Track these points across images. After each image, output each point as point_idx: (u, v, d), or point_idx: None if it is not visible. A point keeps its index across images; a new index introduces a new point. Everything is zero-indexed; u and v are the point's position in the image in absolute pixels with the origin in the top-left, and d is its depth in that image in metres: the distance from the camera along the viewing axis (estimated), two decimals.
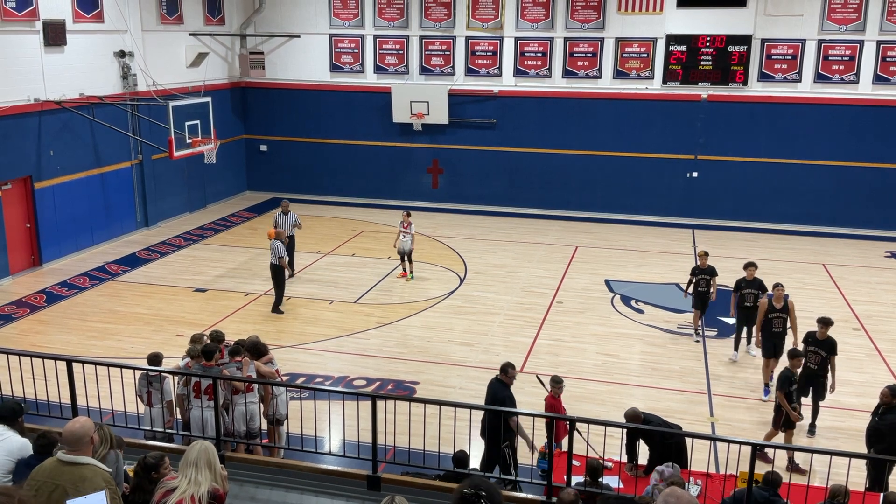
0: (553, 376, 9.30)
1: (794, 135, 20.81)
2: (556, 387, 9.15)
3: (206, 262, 18.00)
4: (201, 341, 9.80)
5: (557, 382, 9.19)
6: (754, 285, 12.72)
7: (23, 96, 16.34)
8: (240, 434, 8.97)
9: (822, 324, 10.55)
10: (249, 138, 24.56)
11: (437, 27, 22.33)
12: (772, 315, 11.70)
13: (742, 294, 12.74)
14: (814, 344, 10.53)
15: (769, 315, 11.71)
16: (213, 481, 5.07)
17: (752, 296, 12.63)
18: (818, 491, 7.98)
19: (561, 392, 9.16)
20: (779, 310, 11.69)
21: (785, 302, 11.75)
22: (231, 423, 8.94)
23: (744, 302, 12.73)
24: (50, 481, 4.90)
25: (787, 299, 11.84)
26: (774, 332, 11.72)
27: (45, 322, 14.43)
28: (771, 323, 11.72)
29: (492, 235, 20.49)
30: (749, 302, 12.65)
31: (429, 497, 7.39)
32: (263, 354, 9.56)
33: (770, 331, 11.74)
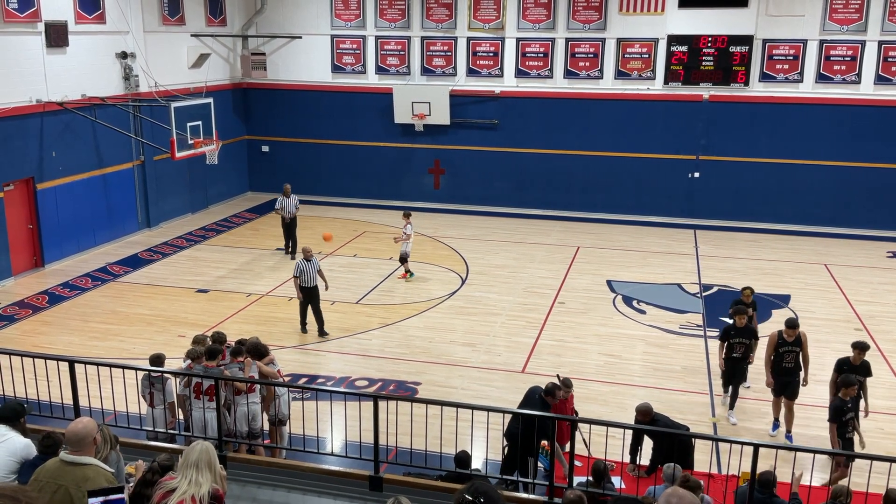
0: (564, 379, 9.25)
1: (795, 135, 20.79)
2: (563, 390, 9.09)
3: (208, 263, 18.01)
4: (204, 342, 9.80)
5: (567, 386, 9.13)
6: (746, 333, 11.03)
7: (25, 97, 16.36)
8: (241, 434, 8.98)
9: (859, 349, 9.87)
10: (251, 139, 24.58)
11: (439, 28, 22.34)
12: (783, 349, 10.48)
13: (730, 343, 11.02)
14: (850, 371, 10.00)
15: (780, 349, 10.50)
16: (213, 482, 5.07)
17: (742, 346, 10.98)
18: (820, 491, 7.98)
19: (565, 396, 9.11)
20: (790, 343, 10.47)
21: (798, 335, 10.55)
22: (233, 423, 8.95)
23: (731, 352, 11.05)
24: (53, 481, 4.91)
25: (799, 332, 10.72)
26: (786, 367, 10.49)
27: (47, 323, 14.45)
28: (782, 358, 10.50)
29: (493, 236, 20.49)
30: (738, 352, 10.99)
31: (431, 497, 7.40)
32: (265, 355, 9.56)
33: (780, 367, 10.52)
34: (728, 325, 11.12)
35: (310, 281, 16.50)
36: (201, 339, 9.99)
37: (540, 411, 8.59)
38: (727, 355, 11.02)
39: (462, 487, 3.80)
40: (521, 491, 8.32)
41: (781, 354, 10.50)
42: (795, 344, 10.44)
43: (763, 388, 10.99)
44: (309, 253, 16.15)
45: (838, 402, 9.21)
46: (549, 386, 8.85)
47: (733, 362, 11.03)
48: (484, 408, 8.17)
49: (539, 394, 8.84)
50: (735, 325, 10.96)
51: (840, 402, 9.22)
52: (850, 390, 9.22)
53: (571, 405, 9.39)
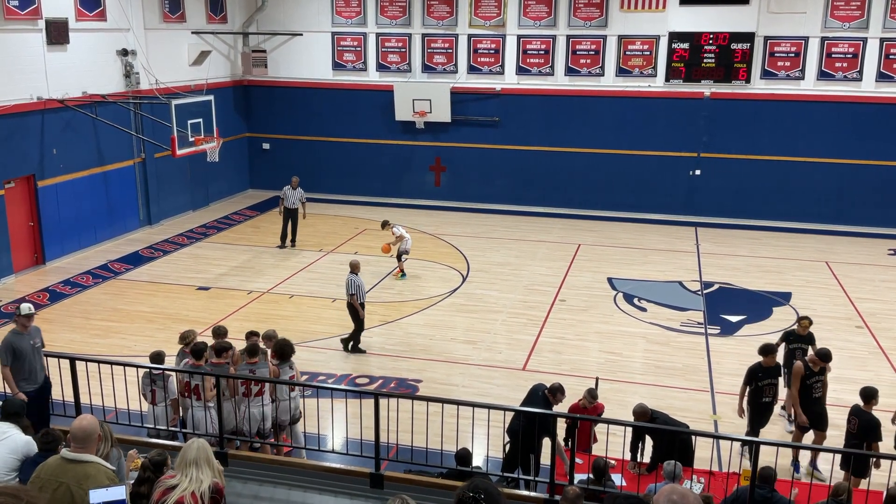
0: (590, 389, 9.19)
1: (797, 132, 20.77)
2: (586, 398, 9.04)
3: (209, 261, 18.02)
4: (190, 338, 9.78)
5: (593, 398, 9.06)
6: (776, 373, 9.83)
7: (25, 95, 16.36)
8: (247, 434, 8.97)
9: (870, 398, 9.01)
10: (252, 136, 24.57)
11: (440, 25, 22.31)
12: (810, 381, 9.65)
13: (759, 386, 9.69)
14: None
15: (807, 381, 9.64)
16: (212, 477, 5.12)
17: (772, 388, 9.73)
18: (821, 489, 7.98)
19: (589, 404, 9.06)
20: (817, 373, 9.71)
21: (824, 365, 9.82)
22: (243, 422, 8.93)
23: (761, 396, 9.69)
24: (54, 479, 4.91)
25: None
26: (815, 397, 9.68)
27: (48, 320, 14.43)
28: (810, 389, 9.65)
29: (494, 233, 20.48)
30: (768, 395, 9.71)
31: (432, 495, 7.40)
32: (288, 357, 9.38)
33: (810, 397, 9.65)
34: (755, 366, 9.73)
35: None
36: (189, 334, 9.93)
37: (542, 408, 8.59)
38: (755, 399, 9.67)
39: (463, 485, 3.80)
40: (523, 488, 8.33)
41: (809, 386, 9.64)
42: (821, 373, 9.72)
43: None
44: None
45: (755, 366, 9.54)
46: (555, 385, 8.85)
47: (763, 408, 9.69)
48: (485, 405, 8.18)
49: (542, 391, 8.85)
50: (762, 366, 9.67)
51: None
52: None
53: (600, 412, 9.30)
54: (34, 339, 9.02)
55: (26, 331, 8.92)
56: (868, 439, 8.61)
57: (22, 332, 8.90)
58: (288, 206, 18.55)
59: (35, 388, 8.92)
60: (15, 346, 8.80)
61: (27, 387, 8.87)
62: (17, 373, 8.84)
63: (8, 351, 8.79)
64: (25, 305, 9.00)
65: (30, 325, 8.98)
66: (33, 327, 9.09)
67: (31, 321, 8.99)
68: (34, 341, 9.01)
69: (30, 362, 8.89)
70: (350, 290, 12.70)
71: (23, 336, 8.90)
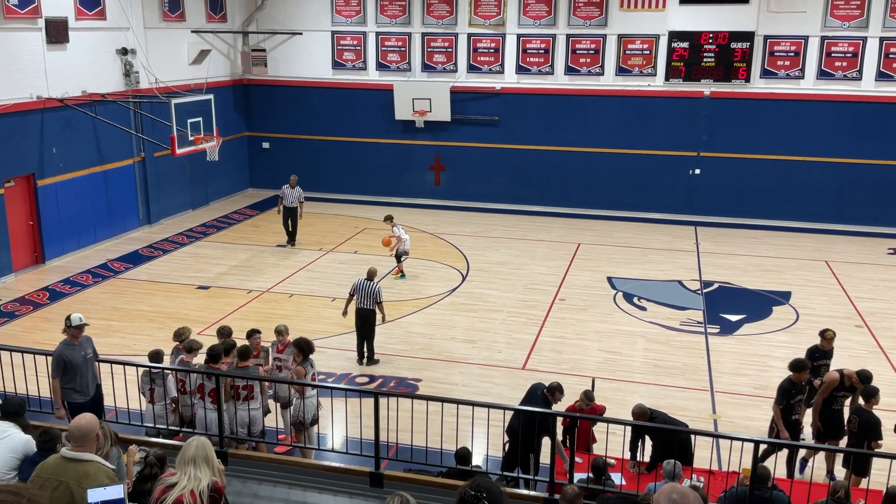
0: (587, 391, 9.17)
1: (796, 132, 20.77)
2: (582, 400, 9.02)
3: (209, 260, 18.01)
4: (185, 335, 9.81)
5: (589, 399, 9.02)
6: (803, 389, 9.51)
7: (25, 94, 16.35)
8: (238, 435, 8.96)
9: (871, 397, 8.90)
10: (251, 135, 24.56)
11: (440, 24, 22.31)
12: (838, 393, 9.48)
13: (790, 404, 9.32)
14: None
15: (835, 393, 9.45)
16: (211, 475, 5.11)
17: (800, 404, 9.51)
18: (821, 488, 7.98)
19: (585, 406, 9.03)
20: (847, 388, 9.50)
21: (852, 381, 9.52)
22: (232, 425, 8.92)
23: (791, 414, 9.30)
24: (54, 478, 4.91)
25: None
26: (834, 409, 9.51)
27: (48, 319, 14.44)
28: (833, 401, 9.48)
29: (494, 232, 20.48)
30: (797, 412, 9.38)
31: (431, 494, 7.40)
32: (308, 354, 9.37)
33: (830, 408, 9.49)
34: (786, 384, 9.31)
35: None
36: (183, 331, 9.96)
37: (541, 407, 8.59)
38: (785, 417, 9.24)
39: (465, 484, 3.80)
40: (522, 487, 8.33)
41: (835, 398, 9.47)
42: (851, 389, 9.48)
43: None
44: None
45: (786, 384, 9.20)
46: (553, 384, 8.84)
47: (794, 425, 9.33)
48: (484, 404, 8.18)
49: (541, 390, 8.84)
50: (793, 381, 9.29)
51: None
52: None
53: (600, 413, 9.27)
54: (85, 350, 8.63)
55: (77, 341, 8.55)
56: (869, 438, 8.61)
57: (73, 343, 8.53)
58: (287, 205, 18.56)
59: (87, 400, 8.57)
60: (66, 358, 8.42)
61: (79, 398, 8.53)
62: (68, 385, 8.50)
63: (59, 363, 8.42)
64: (76, 315, 8.59)
65: (80, 335, 8.58)
66: (84, 337, 8.67)
67: (81, 332, 8.59)
68: (85, 352, 8.62)
69: (81, 374, 8.52)
70: (380, 297, 12.38)
71: (74, 347, 8.54)
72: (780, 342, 13.69)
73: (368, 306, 12.31)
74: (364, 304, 12.33)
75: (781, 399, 9.25)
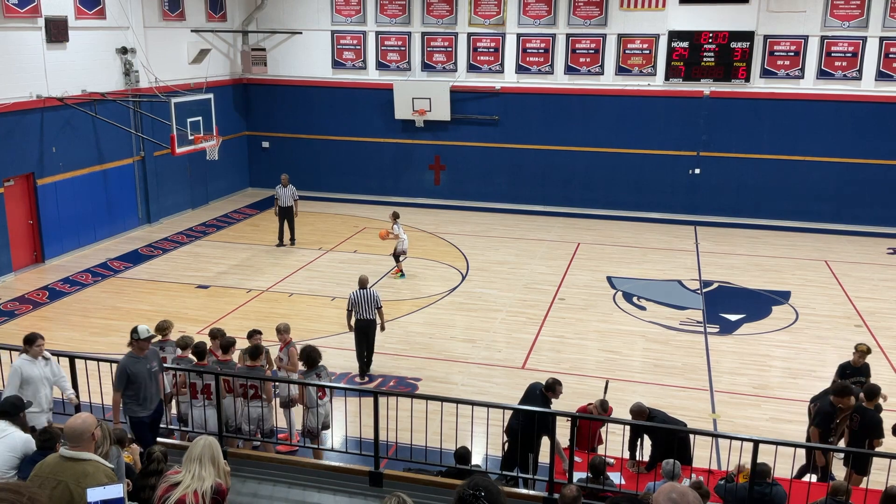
0: (603, 401, 9.10)
1: (796, 131, 20.77)
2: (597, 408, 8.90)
3: (209, 259, 18.01)
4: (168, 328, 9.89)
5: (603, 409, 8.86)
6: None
7: (25, 93, 16.34)
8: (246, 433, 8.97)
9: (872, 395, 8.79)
10: (251, 135, 24.56)
11: (439, 23, 22.30)
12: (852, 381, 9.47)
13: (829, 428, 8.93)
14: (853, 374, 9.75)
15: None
16: (216, 477, 5.09)
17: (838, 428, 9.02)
18: (820, 487, 7.99)
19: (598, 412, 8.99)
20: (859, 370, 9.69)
21: None
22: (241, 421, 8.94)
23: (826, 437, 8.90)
24: (52, 477, 4.91)
25: None
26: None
27: (47, 318, 14.45)
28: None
29: (494, 232, 20.48)
30: (834, 436, 8.97)
31: (431, 493, 7.41)
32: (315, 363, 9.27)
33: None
34: (829, 409, 8.82)
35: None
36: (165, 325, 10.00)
37: (541, 406, 8.59)
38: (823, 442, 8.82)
39: (463, 483, 3.80)
40: (522, 487, 8.33)
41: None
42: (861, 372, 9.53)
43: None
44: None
45: (829, 409, 8.72)
46: (550, 381, 8.84)
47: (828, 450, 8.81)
48: (484, 404, 8.18)
49: (540, 389, 8.85)
50: (834, 406, 8.83)
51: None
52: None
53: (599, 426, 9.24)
54: (151, 363, 8.22)
55: (143, 354, 8.14)
56: (870, 437, 8.61)
57: (138, 356, 8.12)
58: (282, 205, 18.53)
59: (148, 415, 8.25)
60: (130, 372, 8.03)
61: (141, 413, 8.18)
62: (130, 398, 8.12)
63: (122, 376, 8.03)
64: (143, 327, 8.16)
65: (147, 347, 8.19)
66: (151, 349, 8.29)
67: (149, 344, 8.21)
68: (151, 365, 8.20)
69: (144, 388, 8.10)
70: (380, 302, 11.97)
71: (139, 360, 8.11)
72: (780, 342, 13.70)
73: (370, 316, 11.86)
74: (365, 315, 11.84)
75: (822, 423, 8.76)
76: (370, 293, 11.86)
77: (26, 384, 8.04)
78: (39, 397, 8.09)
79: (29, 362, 8.15)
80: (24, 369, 8.09)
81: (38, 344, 8.23)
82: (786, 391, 11.83)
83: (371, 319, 11.88)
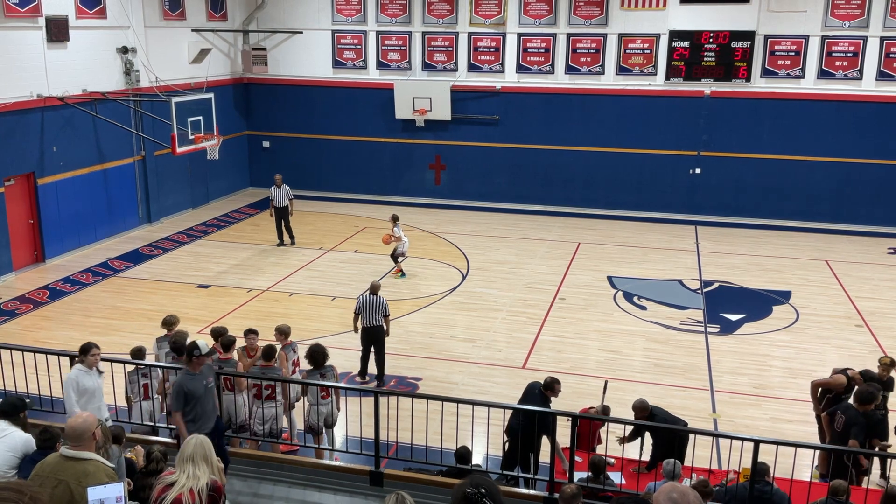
0: (605, 407, 9.07)
1: (797, 131, 20.76)
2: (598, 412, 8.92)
3: (209, 258, 18.01)
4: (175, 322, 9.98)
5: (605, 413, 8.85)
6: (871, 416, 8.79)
7: (25, 92, 16.35)
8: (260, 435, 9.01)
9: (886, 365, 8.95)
10: (252, 134, 24.56)
11: (440, 23, 22.30)
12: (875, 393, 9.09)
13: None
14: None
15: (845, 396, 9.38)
16: (210, 474, 5.12)
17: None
18: (821, 487, 7.98)
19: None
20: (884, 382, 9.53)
21: None
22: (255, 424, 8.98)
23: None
24: (53, 476, 4.91)
25: None
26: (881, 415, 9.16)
27: (48, 318, 14.45)
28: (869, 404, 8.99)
29: (494, 232, 20.48)
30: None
31: (431, 493, 7.40)
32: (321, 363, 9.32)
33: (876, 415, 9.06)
34: (860, 418, 8.66)
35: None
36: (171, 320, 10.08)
37: (540, 405, 8.59)
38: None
39: (461, 482, 3.80)
40: (522, 486, 8.33)
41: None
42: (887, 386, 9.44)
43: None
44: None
45: (861, 419, 8.51)
46: (548, 380, 8.84)
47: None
48: (484, 403, 8.18)
49: (539, 389, 8.85)
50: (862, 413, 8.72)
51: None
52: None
53: (598, 427, 9.25)
54: (207, 379, 7.77)
55: (199, 370, 7.68)
56: (870, 436, 8.61)
57: (194, 373, 7.65)
58: (277, 206, 18.48)
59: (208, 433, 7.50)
60: (187, 390, 7.57)
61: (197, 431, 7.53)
62: (187, 416, 7.66)
63: (180, 396, 7.58)
64: (203, 342, 7.65)
65: (205, 363, 7.75)
66: (206, 365, 7.82)
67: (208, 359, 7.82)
68: (207, 381, 7.76)
69: (201, 405, 7.63)
70: (388, 310, 11.74)
71: (195, 377, 7.63)
72: (781, 342, 13.70)
73: (377, 323, 11.64)
74: (372, 322, 11.62)
75: (859, 434, 8.51)
76: (379, 300, 11.62)
77: (83, 395, 7.88)
78: (96, 408, 7.92)
79: (84, 373, 7.97)
80: (80, 380, 7.91)
81: (94, 353, 8.01)
82: (786, 391, 11.82)
83: (378, 326, 11.64)
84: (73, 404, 7.81)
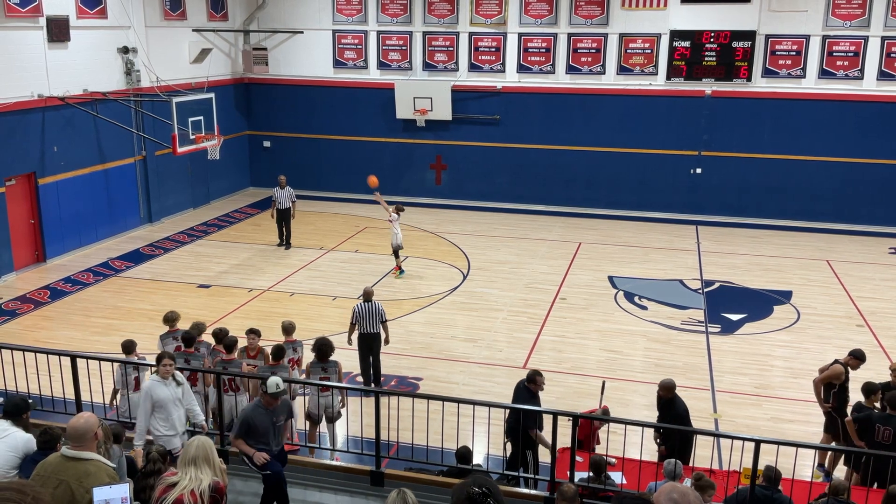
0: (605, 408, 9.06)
1: (798, 131, 20.75)
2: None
3: (210, 258, 18.02)
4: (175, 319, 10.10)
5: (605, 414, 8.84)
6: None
7: (26, 92, 16.35)
8: None
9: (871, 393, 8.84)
10: (252, 134, 24.56)
11: (441, 23, 22.30)
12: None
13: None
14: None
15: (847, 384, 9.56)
16: (213, 475, 5.12)
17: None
18: (821, 487, 7.98)
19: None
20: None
21: None
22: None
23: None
24: (54, 476, 4.91)
25: None
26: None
27: (49, 318, 14.46)
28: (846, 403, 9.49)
29: (495, 232, 20.48)
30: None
31: (432, 492, 7.40)
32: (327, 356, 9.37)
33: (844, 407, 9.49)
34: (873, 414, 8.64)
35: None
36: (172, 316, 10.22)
37: (527, 401, 8.65)
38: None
39: (463, 481, 3.79)
40: (523, 486, 8.33)
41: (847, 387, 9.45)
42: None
43: None
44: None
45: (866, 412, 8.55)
46: (530, 374, 8.89)
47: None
48: (485, 403, 8.18)
49: (523, 384, 8.90)
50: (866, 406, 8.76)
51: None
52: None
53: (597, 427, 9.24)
54: (278, 417, 7.59)
55: (271, 407, 7.48)
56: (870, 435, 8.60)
57: (266, 408, 7.46)
58: (279, 207, 18.38)
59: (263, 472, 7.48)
60: (251, 423, 7.40)
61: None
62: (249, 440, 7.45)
63: (243, 426, 7.45)
64: (273, 381, 7.37)
65: (276, 403, 7.49)
66: (283, 401, 7.62)
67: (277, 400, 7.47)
68: (277, 419, 7.57)
69: (263, 436, 7.45)
70: (385, 315, 11.53)
71: (266, 412, 7.45)
72: (782, 341, 13.69)
73: (374, 329, 11.39)
74: (370, 329, 11.37)
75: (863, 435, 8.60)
76: (375, 306, 11.38)
77: (158, 406, 7.79)
78: (173, 419, 7.80)
79: (159, 383, 7.86)
80: (154, 391, 7.80)
81: (165, 364, 7.87)
82: (787, 391, 11.82)
83: (376, 333, 11.44)
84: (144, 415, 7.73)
